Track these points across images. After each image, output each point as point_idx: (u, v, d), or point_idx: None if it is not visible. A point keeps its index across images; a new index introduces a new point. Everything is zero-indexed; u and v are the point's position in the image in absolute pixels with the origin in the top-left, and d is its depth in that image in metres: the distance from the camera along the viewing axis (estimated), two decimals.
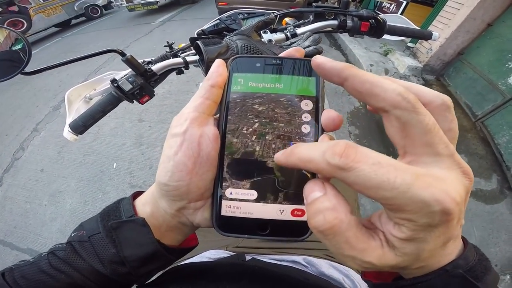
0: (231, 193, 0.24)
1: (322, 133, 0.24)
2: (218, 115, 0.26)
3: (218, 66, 0.26)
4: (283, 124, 0.24)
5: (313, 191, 0.19)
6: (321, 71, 0.20)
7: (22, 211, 2.34)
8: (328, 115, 0.23)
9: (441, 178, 0.16)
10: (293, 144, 0.24)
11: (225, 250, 0.57)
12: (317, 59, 0.20)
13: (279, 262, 0.51)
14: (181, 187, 0.24)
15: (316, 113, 0.24)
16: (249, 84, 0.26)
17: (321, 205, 0.18)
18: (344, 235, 0.17)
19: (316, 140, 0.24)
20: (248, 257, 0.50)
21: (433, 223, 0.16)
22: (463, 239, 0.21)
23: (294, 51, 0.28)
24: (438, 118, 0.19)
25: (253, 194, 0.24)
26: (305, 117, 0.24)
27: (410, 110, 0.17)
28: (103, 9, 9.93)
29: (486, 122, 2.67)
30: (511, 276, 1.63)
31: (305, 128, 0.24)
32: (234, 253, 0.54)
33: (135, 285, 0.31)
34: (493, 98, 2.65)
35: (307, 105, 0.25)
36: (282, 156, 0.20)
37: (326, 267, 0.51)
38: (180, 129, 0.24)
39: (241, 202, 0.24)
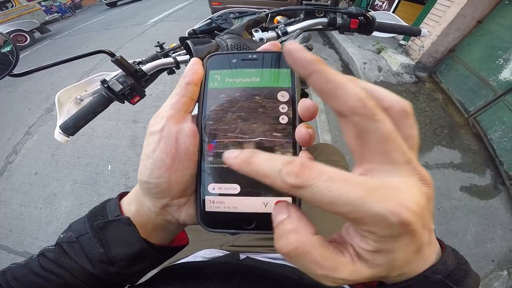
0: (213, 188, 0.24)
1: (300, 123, 0.24)
2: (196, 112, 0.27)
3: (193, 64, 0.26)
4: (261, 117, 0.25)
5: (278, 214, 0.19)
6: (289, 58, 0.18)
7: (17, 214, 2.32)
8: (303, 104, 0.23)
9: (396, 188, 0.16)
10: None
11: (219, 249, 0.57)
12: (289, 45, 0.18)
13: (273, 261, 0.51)
14: (162, 184, 0.24)
15: (292, 103, 0.25)
16: (226, 80, 0.26)
17: (284, 228, 0.18)
18: (309, 256, 0.17)
19: (294, 130, 0.24)
20: (242, 256, 0.50)
21: (395, 234, 0.16)
22: (441, 242, 0.21)
23: (271, 45, 0.28)
24: (398, 124, 0.18)
25: (236, 188, 0.24)
26: (282, 108, 0.25)
27: (368, 117, 0.16)
28: (33, 33, 7.76)
29: (478, 118, 2.70)
30: (508, 271, 1.64)
31: (283, 119, 0.25)
32: (228, 252, 0.54)
33: (127, 286, 0.30)
34: (485, 94, 2.68)
35: (283, 96, 0.25)
36: (234, 160, 0.19)
37: None
38: (157, 127, 0.25)
39: (225, 196, 0.24)
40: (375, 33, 0.74)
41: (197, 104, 0.27)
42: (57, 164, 2.74)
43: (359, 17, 0.70)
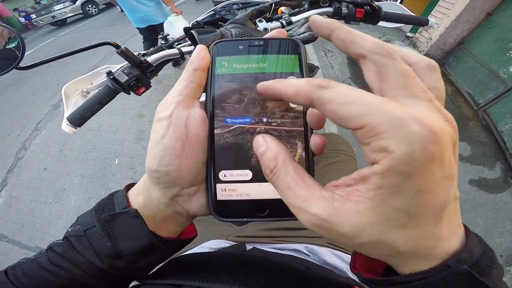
0: (225, 176, 0.24)
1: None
2: (204, 98, 0.26)
3: (200, 51, 0.26)
4: (269, 101, 0.24)
5: (258, 147, 0.21)
6: (314, 24, 0.21)
7: (28, 209, 2.37)
8: None
9: (419, 110, 0.15)
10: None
11: (226, 240, 0.57)
12: (313, 17, 0.21)
13: (280, 251, 0.51)
14: (172, 172, 0.24)
15: None
16: (233, 66, 0.26)
17: (265, 156, 0.20)
18: (284, 180, 0.18)
19: (305, 114, 0.24)
20: (249, 247, 0.49)
21: (413, 156, 0.14)
22: (465, 227, 0.19)
23: (277, 33, 0.27)
24: (423, 76, 0.19)
25: (248, 174, 0.24)
26: None
27: (386, 55, 0.17)
28: None
29: (488, 110, 2.65)
30: None
31: (292, 104, 0.24)
32: (235, 243, 0.54)
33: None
34: (495, 87, 2.62)
35: None
36: (264, 84, 0.21)
37: (328, 256, 0.51)
38: (166, 113, 0.24)
39: (236, 184, 0.24)
40: (381, 23, 0.73)
41: (204, 91, 0.26)
42: (66, 159, 2.79)
43: (364, 7, 0.69)
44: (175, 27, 2.51)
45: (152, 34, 3.10)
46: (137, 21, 2.86)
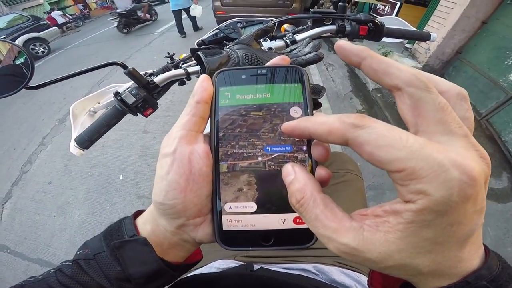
0: (230, 207, 0.24)
1: None
2: (208, 131, 0.26)
3: (203, 82, 0.26)
4: (274, 133, 0.24)
5: (286, 176, 0.21)
6: (342, 51, 0.20)
7: (32, 222, 2.38)
8: None
9: (457, 151, 0.15)
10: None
11: (233, 260, 0.57)
12: (340, 42, 0.20)
13: (288, 271, 0.50)
14: (177, 205, 0.24)
15: None
16: (236, 96, 0.26)
17: (292, 186, 0.20)
18: (313, 212, 0.18)
19: (309, 146, 0.24)
20: (256, 267, 0.49)
21: (451, 198, 0.14)
22: (485, 246, 0.19)
23: (280, 60, 0.28)
24: (454, 106, 0.19)
25: (253, 206, 0.24)
26: None
27: (423, 88, 0.17)
28: None
29: (491, 120, 2.65)
30: None
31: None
32: (242, 263, 0.54)
33: None
34: (496, 96, 2.63)
35: (296, 112, 0.25)
36: (290, 124, 0.20)
37: (337, 274, 0.51)
38: (170, 149, 0.24)
39: (242, 215, 0.24)
40: (384, 39, 0.73)
41: (208, 122, 0.26)
42: (71, 174, 2.80)
43: (368, 24, 0.69)
44: (196, 11, 5.81)
45: (180, 14, 6.10)
46: (174, 5, 5.83)
